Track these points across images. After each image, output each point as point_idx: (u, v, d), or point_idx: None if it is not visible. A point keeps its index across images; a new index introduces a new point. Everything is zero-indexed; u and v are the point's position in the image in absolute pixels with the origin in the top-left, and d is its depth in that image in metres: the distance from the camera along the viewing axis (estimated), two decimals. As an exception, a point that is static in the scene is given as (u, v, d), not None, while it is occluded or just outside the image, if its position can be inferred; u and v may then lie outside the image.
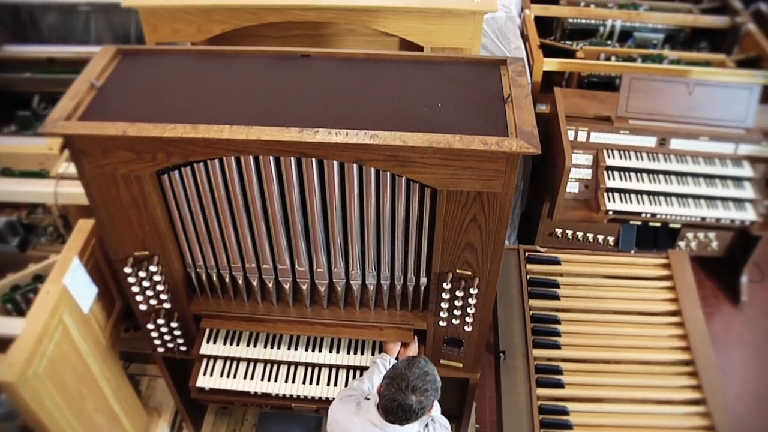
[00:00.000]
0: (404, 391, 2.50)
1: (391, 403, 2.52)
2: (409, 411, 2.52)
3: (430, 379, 2.55)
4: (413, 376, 2.52)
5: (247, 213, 2.84)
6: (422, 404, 2.53)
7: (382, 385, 2.57)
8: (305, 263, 3.01)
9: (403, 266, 2.98)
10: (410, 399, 2.50)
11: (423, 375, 2.54)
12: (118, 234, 2.90)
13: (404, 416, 2.53)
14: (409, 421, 2.57)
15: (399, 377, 2.52)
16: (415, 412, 2.53)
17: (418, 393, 2.51)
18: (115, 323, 3.56)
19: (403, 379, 2.52)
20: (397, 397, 2.50)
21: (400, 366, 2.56)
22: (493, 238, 2.73)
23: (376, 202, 2.73)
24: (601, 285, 3.69)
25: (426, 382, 2.53)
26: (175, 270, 3.05)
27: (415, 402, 2.51)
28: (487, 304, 2.97)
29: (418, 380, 2.52)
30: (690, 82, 4.00)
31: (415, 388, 2.51)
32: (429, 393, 2.53)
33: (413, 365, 2.56)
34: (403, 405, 2.50)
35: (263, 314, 3.21)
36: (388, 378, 2.56)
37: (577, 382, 3.35)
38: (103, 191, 2.74)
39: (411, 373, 2.53)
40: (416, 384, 2.51)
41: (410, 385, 2.50)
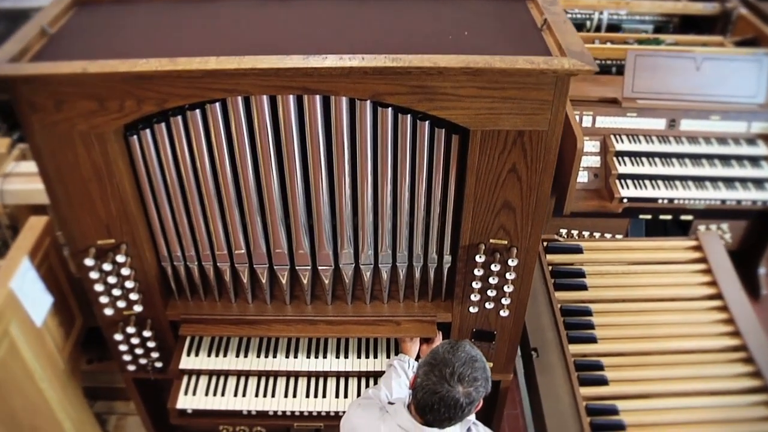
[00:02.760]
0: (449, 381, 1.89)
1: (431, 397, 1.90)
2: (454, 407, 1.90)
3: (479, 366, 1.95)
4: (459, 362, 1.92)
5: (235, 181, 2.25)
6: (471, 398, 1.92)
7: (419, 375, 1.96)
8: (306, 244, 2.40)
9: (424, 241, 2.40)
10: (456, 391, 1.89)
11: (471, 360, 1.94)
12: (77, 217, 2.26)
13: (447, 414, 1.92)
14: (452, 420, 1.95)
15: (442, 363, 1.92)
16: (461, 407, 1.91)
17: (466, 383, 1.91)
18: (75, 344, 2.87)
19: (447, 365, 1.91)
20: (439, 388, 1.89)
21: (441, 351, 1.96)
22: (535, 194, 2.19)
23: (393, 156, 2.18)
24: (630, 272, 3.18)
25: (475, 369, 1.93)
26: (147, 263, 2.41)
27: (462, 395, 1.90)
28: (526, 280, 2.40)
29: (465, 367, 1.91)
30: (697, 57, 3.63)
31: (462, 377, 1.90)
32: (479, 383, 1.93)
33: (458, 349, 1.96)
34: (447, 399, 1.89)
35: (255, 314, 2.57)
36: (426, 365, 1.95)
37: (621, 378, 2.80)
38: (58, 159, 2.12)
39: (456, 358, 1.92)
40: (463, 372, 1.91)
41: (456, 373, 1.90)
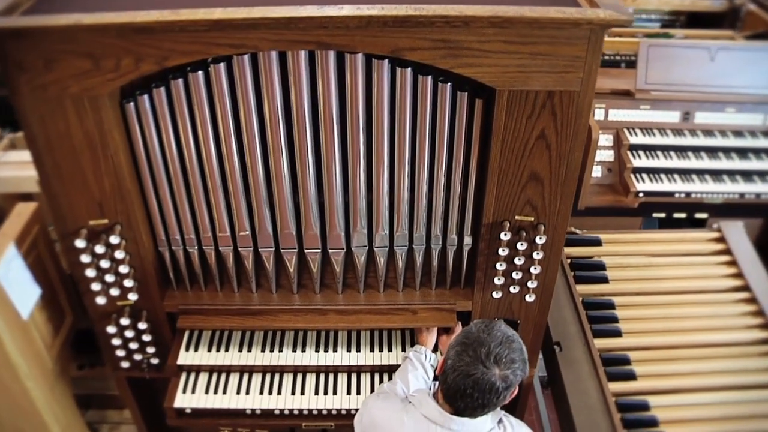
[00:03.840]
0: (484, 362, 1.68)
1: (463, 380, 1.69)
2: (489, 391, 1.69)
3: (516, 347, 1.75)
4: (495, 342, 1.71)
5: (240, 153, 2.05)
6: (507, 382, 1.71)
7: (449, 357, 1.75)
8: (316, 224, 2.19)
9: (443, 219, 2.20)
10: (492, 373, 1.68)
11: (507, 341, 1.73)
12: (67, 194, 2.05)
13: (481, 399, 1.70)
14: (485, 408, 1.74)
15: (476, 343, 1.71)
16: (497, 392, 1.70)
17: (503, 365, 1.70)
18: (64, 343, 2.63)
19: (482, 345, 1.70)
20: (474, 370, 1.68)
21: (475, 330, 1.76)
22: (565, 163, 2.00)
23: (412, 124, 1.99)
24: (652, 264, 2.99)
25: (512, 350, 1.73)
26: (143, 247, 2.19)
27: (499, 378, 1.69)
28: (554, 261, 2.20)
29: (502, 347, 1.71)
30: (711, 47, 3.48)
31: (499, 358, 1.69)
32: (516, 366, 1.72)
33: (493, 327, 1.76)
34: (482, 382, 1.68)
35: (260, 304, 2.35)
36: (459, 345, 1.74)
37: (650, 373, 2.59)
38: (48, 128, 1.92)
39: (492, 337, 1.72)
40: (500, 352, 1.70)
41: (492, 354, 1.69)
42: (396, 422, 1.84)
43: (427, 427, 1.79)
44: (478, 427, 1.78)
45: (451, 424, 1.76)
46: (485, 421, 1.80)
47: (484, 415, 1.78)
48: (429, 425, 1.79)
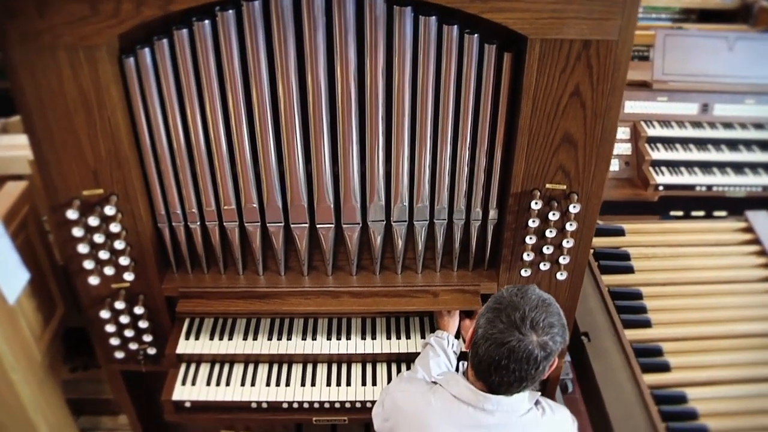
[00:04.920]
0: (520, 328, 1.47)
1: (497, 350, 1.48)
2: (527, 361, 1.48)
3: (554, 311, 1.54)
4: (530, 305, 1.51)
5: (248, 114, 1.86)
6: (547, 350, 1.50)
7: (480, 326, 1.54)
8: (330, 196, 2.00)
9: (468, 189, 2.01)
10: (530, 340, 1.47)
11: (543, 304, 1.53)
12: (59, 160, 1.86)
13: (518, 371, 1.49)
14: (523, 382, 1.52)
15: (510, 307, 1.51)
16: (536, 363, 1.49)
17: (541, 331, 1.49)
18: (54, 336, 2.40)
19: (517, 309, 1.50)
20: (509, 338, 1.47)
21: (507, 294, 1.55)
22: (600, 123, 1.83)
23: (435, 80, 1.81)
24: (678, 255, 2.80)
25: (550, 314, 1.52)
26: (141, 222, 1.99)
27: (537, 345, 1.48)
28: (587, 234, 2.01)
29: (538, 311, 1.50)
30: (729, 36, 3.35)
31: (536, 323, 1.48)
32: (555, 331, 1.51)
33: (526, 291, 1.55)
34: (519, 351, 1.47)
35: (267, 286, 2.14)
36: (490, 312, 1.53)
37: (684, 364, 2.41)
38: (39, 85, 1.74)
39: (526, 300, 1.52)
40: (536, 317, 1.49)
41: (528, 318, 1.48)
42: (422, 404, 1.63)
43: (458, 408, 1.58)
44: (515, 406, 1.57)
45: (485, 404, 1.55)
46: (522, 400, 1.58)
47: (521, 392, 1.57)
48: (460, 406, 1.57)
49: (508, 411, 1.56)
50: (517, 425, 1.57)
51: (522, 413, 1.58)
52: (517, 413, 1.57)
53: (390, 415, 1.70)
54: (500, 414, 1.55)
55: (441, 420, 1.58)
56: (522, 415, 1.58)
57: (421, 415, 1.61)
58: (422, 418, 1.61)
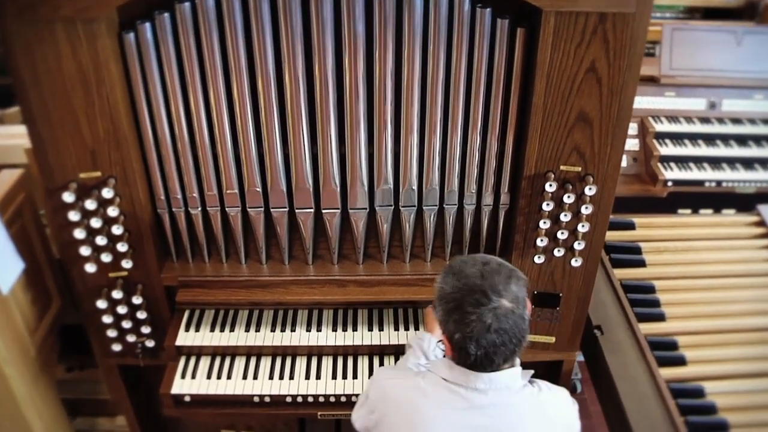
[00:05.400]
0: (488, 304, 1.35)
1: (489, 336, 1.35)
2: (516, 324, 1.37)
3: (494, 267, 1.42)
4: (475, 279, 1.39)
5: (252, 90, 1.79)
6: (520, 301, 1.39)
7: (453, 331, 1.40)
8: (336, 178, 1.92)
9: (479, 173, 1.93)
10: (504, 306, 1.36)
11: (486, 268, 1.41)
12: (56, 140, 1.78)
13: (515, 337, 1.37)
14: (518, 347, 1.41)
15: (468, 295, 1.37)
16: (521, 318, 1.38)
17: (504, 291, 1.37)
18: (49, 330, 2.31)
19: (473, 291, 1.37)
20: (490, 320, 1.35)
21: (451, 289, 1.41)
22: (617, 101, 1.76)
23: (446, 57, 1.75)
24: (690, 248, 2.73)
25: (496, 272, 1.40)
26: (140, 207, 1.91)
27: (509, 301, 1.37)
28: (603, 219, 1.93)
29: (488, 278, 1.38)
30: (738, 30, 3.29)
31: (496, 288, 1.36)
32: (512, 281, 1.40)
33: (470, 258, 1.45)
34: (506, 323, 1.35)
35: (270, 275, 2.06)
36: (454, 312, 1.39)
37: (700, 358, 2.31)
38: (36, 61, 1.67)
39: (470, 278, 1.39)
40: (491, 283, 1.37)
41: (486, 290, 1.36)
42: (412, 390, 1.50)
43: (450, 391, 1.45)
44: (508, 382, 1.44)
45: (477, 383, 1.42)
46: (515, 375, 1.46)
47: (513, 366, 1.46)
48: (451, 388, 1.45)
49: (502, 388, 1.43)
50: (513, 403, 1.45)
51: (516, 390, 1.46)
52: (511, 390, 1.45)
53: (376, 406, 1.55)
54: (493, 393, 1.43)
55: (433, 404, 1.45)
56: (516, 392, 1.46)
57: (411, 402, 1.48)
58: (413, 404, 1.47)
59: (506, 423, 1.44)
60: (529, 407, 1.47)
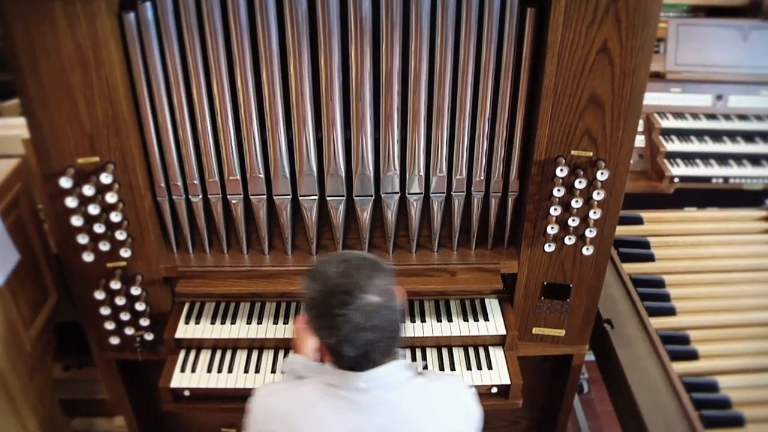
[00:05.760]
0: (355, 303, 1.28)
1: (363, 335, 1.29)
2: (386, 317, 1.30)
3: (355, 263, 1.35)
4: (338, 279, 1.32)
5: (255, 73, 1.74)
6: (387, 294, 1.32)
7: (324, 336, 1.33)
8: (341, 164, 1.87)
9: (488, 159, 1.88)
10: (371, 301, 1.29)
11: (346, 265, 1.34)
12: (53, 123, 1.73)
13: (378, 340, 1.30)
14: (391, 350, 1.36)
15: (332, 297, 1.30)
16: (391, 310, 1.32)
17: (368, 285, 1.30)
18: (46, 325, 2.25)
19: (334, 293, 1.30)
20: (359, 320, 1.28)
21: (315, 294, 1.33)
22: (629, 82, 1.71)
23: (455, 40, 1.70)
24: (699, 243, 2.68)
25: (356, 268, 1.33)
26: (139, 195, 1.86)
27: (376, 295, 1.29)
28: (614, 205, 1.88)
29: (352, 277, 1.31)
30: (743, 25, 3.27)
31: (359, 285, 1.30)
32: (375, 274, 1.33)
33: (330, 257, 1.38)
34: (374, 319, 1.29)
35: (272, 265, 2.00)
36: (321, 318, 1.32)
37: (713, 352, 2.25)
38: (33, 38, 1.62)
39: (332, 279, 1.32)
40: (355, 281, 1.30)
41: (350, 289, 1.29)
42: (295, 401, 1.40)
43: (333, 395, 1.36)
44: (391, 377, 1.37)
45: (358, 383, 1.35)
46: (398, 368, 1.38)
47: (394, 359, 1.39)
48: (334, 392, 1.37)
49: (386, 385, 1.36)
50: (400, 397, 1.38)
51: (402, 384, 1.39)
52: (397, 384, 1.38)
53: (266, 427, 1.42)
54: (378, 390, 1.35)
55: (317, 412, 1.37)
56: (403, 386, 1.39)
57: (295, 413, 1.38)
58: (296, 415, 1.38)
59: (397, 419, 1.36)
60: (418, 399, 1.40)
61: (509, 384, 1.94)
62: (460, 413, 1.46)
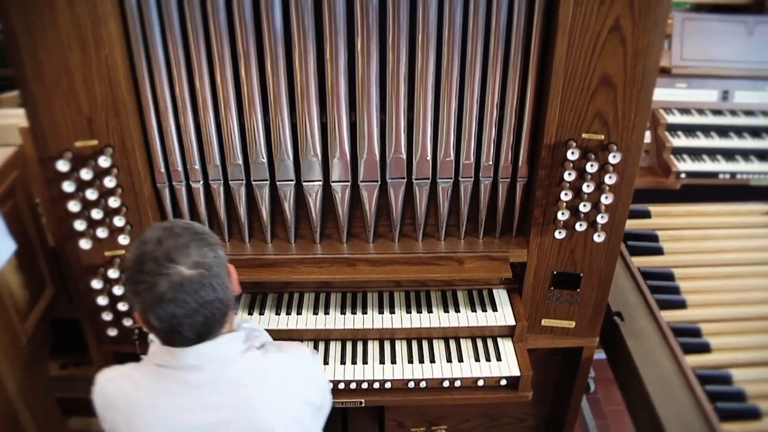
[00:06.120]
0: (161, 271, 1.23)
1: (164, 308, 1.23)
2: (196, 291, 1.24)
3: (178, 231, 1.29)
4: (151, 246, 1.26)
5: (259, 52, 1.70)
6: (205, 266, 1.26)
7: (135, 303, 1.28)
8: (347, 147, 1.82)
9: (496, 143, 1.84)
10: (179, 272, 1.23)
11: (165, 233, 1.28)
12: (50, 105, 1.68)
13: (186, 315, 1.24)
14: (213, 316, 1.28)
15: (139, 264, 1.25)
16: (207, 285, 1.25)
17: (180, 255, 1.25)
18: (42, 318, 2.19)
19: (144, 260, 1.25)
20: (162, 288, 1.22)
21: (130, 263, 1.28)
22: (642, 62, 1.67)
23: (463, 17, 1.66)
24: (708, 237, 2.64)
25: (177, 236, 1.27)
26: (138, 180, 1.81)
27: (191, 269, 1.24)
28: (626, 190, 1.83)
29: (164, 244, 1.26)
30: (749, 20, 3.24)
31: (170, 255, 1.24)
32: (194, 245, 1.27)
33: (142, 241, 1.29)
34: (179, 290, 1.23)
35: (275, 254, 1.95)
36: (130, 283, 1.27)
37: (725, 345, 2.20)
38: (30, 15, 1.58)
39: (146, 246, 1.26)
40: (165, 249, 1.25)
41: (159, 257, 1.24)
42: (129, 388, 1.35)
43: (165, 377, 1.33)
44: (223, 350, 1.33)
45: (187, 359, 1.31)
46: (230, 341, 1.34)
47: (224, 334, 1.34)
48: (165, 373, 1.33)
49: (218, 359, 1.32)
50: (238, 374, 1.33)
51: (236, 358, 1.34)
52: (230, 359, 1.33)
53: (105, 416, 1.38)
54: (210, 366, 1.31)
55: (147, 396, 1.33)
56: (238, 360, 1.34)
57: (126, 399, 1.34)
58: (128, 401, 1.33)
59: (238, 395, 1.32)
60: (260, 373, 1.35)
61: (519, 376, 1.89)
62: (308, 383, 1.43)
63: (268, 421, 1.33)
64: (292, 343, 1.50)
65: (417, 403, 1.90)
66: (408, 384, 1.88)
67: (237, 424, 1.31)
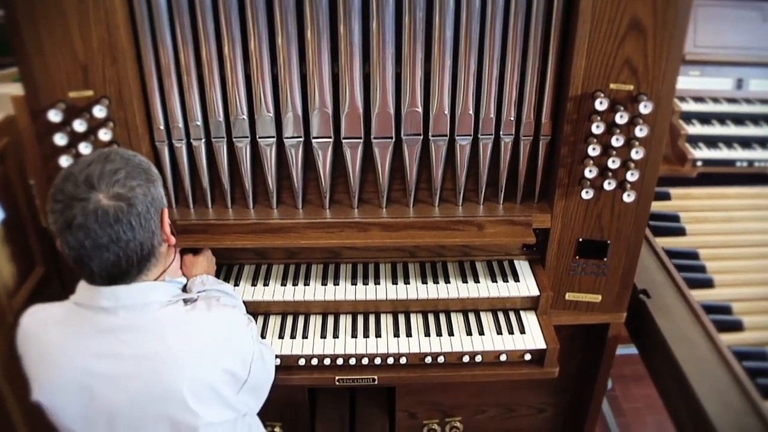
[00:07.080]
0: (77, 195, 1.16)
1: (73, 234, 1.16)
2: (110, 224, 1.16)
3: (115, 158, 1.23)
4: (81, 167, 1.20)
5: (268, 3, 1.60)
6: (129, 201, 1.18)
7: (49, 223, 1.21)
8: (359, 101, 1.71)
9: (519, 92, 1.72)
10: (95, 200, 1.16)
11: (100, 158, 1.22)
12: (43, 52, 1.57)
13: (110, 240, 1.17)
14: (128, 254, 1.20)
15: (62, 183, 1.19)
16: (124, 222, 1.17)
17: (104, 184, 1.17)
18: (30, 297, 2.04)
19: (68, 179, 1.19)
20: (73, 211, 1.16)
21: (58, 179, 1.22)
22: (673, 6, 1.57)
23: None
24: (729, 219, 2.54)
25: (110, 161, 1.21)
26: (135, 135, 1.69)
27: (109, 200, 1.17)
28: (657, 145, 1.72)
29: (92, 167, 1.19)
30: (764, 6, 3.18)
31: (92, 179, 1.17)
32: (123, 175, 1.20)
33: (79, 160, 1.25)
34: (89, 218, 1.15)
35: (281, 219, 1.82)
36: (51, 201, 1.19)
37: (758, 324, 2.07)
38: (21, -47, 1.48)
39: (78, 166, 1.21)
40: (91, 173, 1.18)
41: (80, 180, 1.18)
42: (44, 320, 1.29)
43: (78, 316, 1.25)
44: (141, 298, 1.24)
45: (101, 301, 1.22)
46: (150, 289, 1.26)
47: (143, 279, 1.25)
48: (78, 312, 1.25)
49: (134, 306, 1.23)
50: (151, 323, 1.24)
51: (156, 308, 1.25)
52: (148, 308, 1.25)
53: (21, 351, 1.31)
54: (125, 312, 1.23)
55: (58, 333, 1.25)
56: (157, 311, 1.25)
57: (44, 338, 1.27)
58: (45, 340, 1.27)
59: (141, 346, 1.22)
60: (169, 327, 1.25)
61: (545, 349, 1.75)
62: (231, 350, 1.32)
63: (176, 383, 1.22)
64: (228, 304, 1.38)
65: (434, 380, 1.76)
66: (425, 359, 1.74)
67: (140, 380, 1.22)
